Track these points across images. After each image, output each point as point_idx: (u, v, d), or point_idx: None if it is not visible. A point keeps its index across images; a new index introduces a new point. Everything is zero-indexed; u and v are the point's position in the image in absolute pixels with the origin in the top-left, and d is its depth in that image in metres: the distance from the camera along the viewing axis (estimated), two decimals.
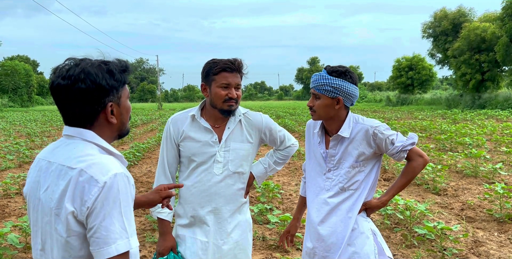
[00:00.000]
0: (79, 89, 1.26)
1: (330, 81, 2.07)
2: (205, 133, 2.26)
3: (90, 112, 1.31)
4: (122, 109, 1.39)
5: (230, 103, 2.18)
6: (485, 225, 4.90)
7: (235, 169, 2.29)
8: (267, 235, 4.59)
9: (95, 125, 1.34)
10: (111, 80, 1.31)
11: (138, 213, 5.45)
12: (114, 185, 1.22)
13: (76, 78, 1.27)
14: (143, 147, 10.78)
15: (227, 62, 2.16)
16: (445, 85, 71.32)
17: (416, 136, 2.21)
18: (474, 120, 19.32)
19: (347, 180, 2.18)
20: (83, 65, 1.30)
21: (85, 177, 1.21)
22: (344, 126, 2.16)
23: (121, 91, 1.37)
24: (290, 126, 16.62)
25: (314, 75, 2.16)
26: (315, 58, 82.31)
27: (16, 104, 49.86)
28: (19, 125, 21.65)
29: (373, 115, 25.53)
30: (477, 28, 30.59)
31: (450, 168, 7.92)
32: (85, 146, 1.31)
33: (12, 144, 11.82)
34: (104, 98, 1.31)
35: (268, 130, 2.39)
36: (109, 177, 1.22)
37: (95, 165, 1.24)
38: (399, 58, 44.15)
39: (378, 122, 2.18)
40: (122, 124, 1.41)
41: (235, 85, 2.18)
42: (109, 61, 1.36)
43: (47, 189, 1.28)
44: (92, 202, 1.20)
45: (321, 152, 2.24)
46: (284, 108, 38.26)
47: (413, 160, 2.19)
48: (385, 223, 4.89)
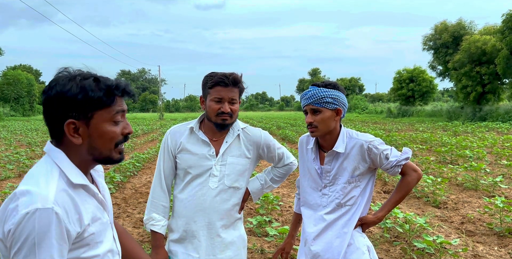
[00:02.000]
0: (47, 97, 1.24)
1: (329, 93, 2.08)
2: (202, 146, 2.26)
3: (53, 124, 1.25)
4: (91, 131, 1.26)
5: (223, 117, 2.18)
6: (485, 239, 4.87)
7: (230, 184, 2.27)
8: (266, 248, 4.56)
9: (64, 141, 1.27)
10: (79, 95, 1.22)
11: (136, 224, 5.43)
12: (30, 221, 1.10)
13: (48, 85, 1.25)
14: (143, 158, 10.76)
15: (222, 76, 2.16)
16: (446, 97, 71.45)
17: (410, 151, 2.21)
18: (475, 132, 19.30)
19: (343, 196, 2.17)
20: (62, 75, 1.26)
21: (14, 204, 1.14)
22: (339, 141, 2.16)
23: (94, 111, 1.25)
24: (291, 137, 16.61)
25: (308, 92, 2.13)
26: (316, 69, 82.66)
27: (17, 113, 50.00)
28: (20, 134, 21.68)
29: (374, 126, 25.55)
30: (477, 41, 30.75)
31: (451, 181, 7.90)
32: (45, 167, 1.24)
33: (12, 154, 11.82)
34: (65, 112, 1.22)
35: (266, 146, 2.38)
36: (29, 210, 1.11)
37: (28, 193, 1.14)
38: (400, 70, 44.31)
39: (372, 137, 2.18)
40: (92, 147, 1.28)
41: (229, 99, 2.17)
42: (97, 77, 1.26)
43: None
44: (8, 233, 1.12)
45: (316, 168, 2.23)
46: (285, 119, 38.29)
47: (408, 175, 2.19)
48: (384, 237, 4.86)
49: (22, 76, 51.68)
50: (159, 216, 2.28)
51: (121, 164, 9.00)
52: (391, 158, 2.14)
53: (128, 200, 6.77)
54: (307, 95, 2.12)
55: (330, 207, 2.20)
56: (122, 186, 7.80)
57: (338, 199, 2.18)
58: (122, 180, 8.00)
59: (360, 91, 71.23)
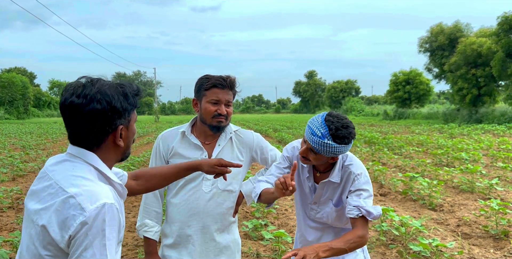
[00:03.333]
0: (94, 110, 1.25)
1: (334, 150, 1.89)
2: (194, 150, 2.24)
3: (100, 133, 1.30)
4: (130, 132, 1.38)
5: (219, 119, 2.17)
6: (481, 241, 4.85)
7: (224, 187, 2.25)
8: (261, 252, 4.53)
9: (102, 147, 1.33)
10: (125, 103, 1.31)
11: (131, 228, 5.39)
12: (100, 215, 1.17)
13: (92, 98, 1.25)
14: (138, 161, 10.71)
15: (219, 78, 2.16)
16: (442, 100, 71.68)
17: (380, 213, 2.02)
18: (471, 134, 19.35)
19: (330, 220, 2.17)
20: (99, 85, 1.28)
21: (72, 203, 1.17)
22: (335, 171, 2.08)
23: (132, 114, 1.37)
24: (287, 140, 16.59)
25: (314, 134, 1.89)
26: (312, 72, 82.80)
27: (12, 116, 49.78)
28: (14, 137, 21.55)
29: (370, 129, 25.57)
30: (473, 43, 30.87)
31: (447, 184, 7.89)
32: (84, 169, 1.28)
33: (6, 157, 11.73)
34: (116, 120, 1.30)
35: (259, 148, 2.37)
36: (96, 206, 1.17)
37: (86, 192, 1.19)
38: (396, 72, 44.40)
39: (363, 169, 2.09)
40: (127, 147, 1.41)
41: (225, 102, 2.18)
42: (124, 83, 1.36)
43: (38, 203, 1.25)
44: (75, 231, 1.16)
45: (309, 185, 2.18)
46: (281, 122, 38.29)
47: (357, 230, 1.97)
48: (380, 240, 4.84)
49: (16, 79, 51.44)
50: (152, 222, 2.25)
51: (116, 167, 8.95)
52: (362, 199, 2.01)
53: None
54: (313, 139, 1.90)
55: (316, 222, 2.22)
56: None
57: (325, 219, 2.17)
58: None
59: (356, 94, 71.34)
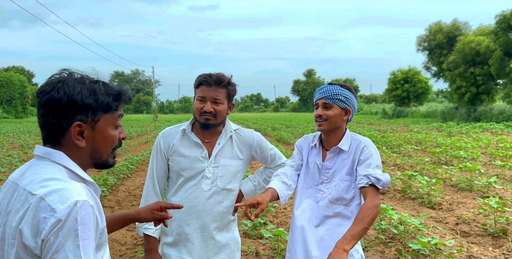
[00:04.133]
0: (52, 98, 1.20)
1: (343, 92, 2.18)
2: (195, 148, 2.25)
3: (56, 125, 1.22)
4: (96, 134, 1.27)
5: (205, 116, 2.17)
6: (479, 239, 4.86)
7: (223, 186, 2.26)
8: (261, 250, 4.53)
9: (63, 144, 1.24)
10: (89, 99, 1.23)
11: (130, 227, 5.38)
12: (72, 214, 1.08)
13: (53, 86, 1.22)
14: (137, 160, 10.70)
15: (205, 75, 2.18)
16: (441, 98, 71.77)
17: (389, 180, 2.08)
18: (469, 133, 19.38)
19: (336, 193, 2.19)
20: (68, 77, 1.25)
21: (43, 206, 1.09)
22: (344, 139, 2.21)
23: (100, 115, 1.26)
24: (286, 139, 16.60)
25: (324, 87, 2.22)
26: (311, 70, 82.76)
27: (10, 115, 49.67)
28: (12, 136, 21.52)
29: (369, 127, 25.60)
30: (471, 42, 30.92)
31: (445, 182, 7.90)
32: (52, 169, 1.20)
33: (4, 156, 11.73)
34: (73, 114, 1.22)
35: (259, 147, 2.38)
36: (67, 205, 1.09)
37: (55, 192, 1.11)
38: (394, 71, 44.44)
39: (370, 142, 2.24)
40: (95, 151, 1.29)
41: (211, 99, 2.16)
42: (104, 82, 1.29)
43: (9, 216, 1.17)
44: (47, 234, 1.07)
45: (318, 163, 2.25)
46: (280, 120, 38.29)
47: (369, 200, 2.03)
48: (379, 238, 4.84)
49: (14, 78, 51.32)
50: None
51: (115, 167, 8.95)
52: (371, 168, 2.12)
53: (121, 203, 6.71)
54: (322, 90, 2.21)
55: (324, 203, 2.21)
56: (115, 189, 7.74)
57: (331, 195, 2.19)
58: (115, 182, 7.95)
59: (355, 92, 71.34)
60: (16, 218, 1.14)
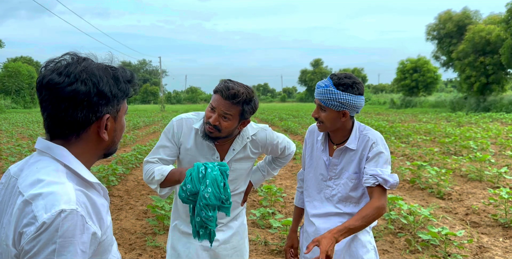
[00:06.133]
0: (77, 91, 1.05)
1: (337, 96, 1.97)
2: (206, 149, 2.16)
3: (81, 120, 1.09)
4: (117, 125, 1.19)
5: (208, 127, 2.03)
6: (490, 230, 4.83)
7: (233, 189, 2.24)
8: (269, 240, 4.53)
9: (83, 137, 1.13)
10: (115, 88, 1.12)
11: (139, 216, 5.41)
12: (53, 224, 0.96)
13: (76, 77, 1.06)
14: (145, 150, 10.73)
15: (224, 86, 1.98)
16: (450, 88, 71.11)
17: (397, 181, 2.02)
18: (478, 123, 19.20)
19: (345, 192, 2.14)
20: (86, 64, 1.10)
21: (27, 211, 0.99)
22: (351, 137, 2.10)
23: (122, 104, 1.17)
24: (293, 129, 16.57)
25: (319, 86, 2.03)
26: (318, 60, 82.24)
27: (18, 106, 50.03)
28: (21, 126, 21.67)
29: (377, 117, 25.46)
30: (482, 31, 30.47)
31: (455, 172, 7.85)
32: (49, 167, 1.07)
33: (14, 146, 11.82)
34: (102, 107, 1.10)
35: (270, 145, 2.33)
36: (51, 214, 0.96)
37: (43, 196, 0.99)
38: (403, 60, 44.03)
39: (381, 137, 2.11)
40: (113, 143, 1.20)
41: (221, 112, 1.99)
42: (115, 67, 1.16)
43: (5, 216, 1.07)
44: (26, 244, 0.97)
45: (324, 159, 2.18)
46: (287, 111, 38.19)
47: (374, 200, 1.98)
48: (388, 228, 4.82)
49: (23, 68, 51.59)
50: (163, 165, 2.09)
51: (123, 156, 8.99)
52: (379, 167, 2.03)
53: (130, 192, 6.75)
54: (319, 90, 2.03)
55: (334, 200, 2.17)
56: (124, 178, 7.78)
57: (341, 194, 2.15)
58: (124, 172, 7.98)
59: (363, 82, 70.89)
60: (7, 221, 1.05)
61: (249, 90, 2.02)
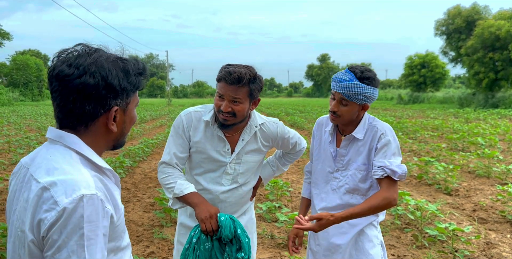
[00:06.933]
0: (85, 84, 1.06)
1: (364, 90, 1.95)
2: (217, 141, 2.15)
3: (90, 112, 1.10)
4: (126, 117, 1.19)
5: (222, 116, 2.02)
6: (497, 226, 4.81)
7: (243, 182, 2.23)
8: (276, 234, 4.54)
9: (91, 129, 1.13)
10: (124, 81, 1.12)
11: (146, 209, 5.44)
12: (77, 209, 0.97)
13: (85, 69, 1.07)
14: (152, 143, 10.79)
15: (226, 72, 1.97)
16: (458, 84, 70.56)
17: (406, 172, 2.00)
18: (487, 119, 19.05)
19: (353, 183, 2.12)
20: (97, 56, 1.10)
21: (45, 197, 0.99)
22: (359, 127, 2.09)
23: (131, 97, 1.18)
24: (300, 124, 16.55)
25: (342, 80, 1.97)
26: (325, 55, 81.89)
27: (27, 98, 50.35)
28: (29, 119, 21.83)
29: (384, 113, 25.35)
30: (491, 26, 30.12)
31: (462, 168, 7.80)
32: (62, 155, 1.08)
33: (22, 138, 11.92)
34: (111, 100, 1.11)
35: (281, 140, 2.31)
36: (72, 199, 0.97)
37: (61, 182, 1.00)
38: (411, 56, 43.72)
39: (390, 129, 2.09)
40: (122, 134, 1.21)
41: (230, 98, 1.99)
42: (127, 58, 1.17)
43: (19, 204, 1.08)
44: (47, 230, 0.97)
45: (331, 150, 2.17)
46: (293, 105, 38.11)
47: (384, 191, 1.97)
48: (395, 223, 4.82)
49: (31, 61, 51.83)
50: (186, 181, 2.12)
51: (130, 149, 9.03)
52: (387, 158, 2.01)
53: (138, 185, 6.79)
54: (341, 84, 1.96)
55: (340, 191, 2.16)
56: (131, 171, 7.82)
57: (348, 185, 2.13)
58: (131, 165, 8.03)
59: None
60: (22, 209, 1.05)
61: (250, 69, 2.02)
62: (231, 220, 1.88)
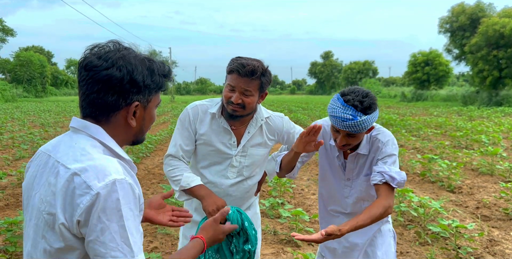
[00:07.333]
0: (112, 75, 1.13)
1: (368, 124, 1.89)
2: (223, 134, 2.16)
3: (112, 104, 1.16)
4: (146, 114, 1.25)
5: (232, 107, 2.04)
6: (500, 224, 4.80)
7: (249, 175, 2.24)
8: (279, 230, 4.55)
9: (112, 121, 1.19)
10: (148, 79, 1.19)
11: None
12: (112, 193, 1.04)
13: (113, 62, 1.14)
14: (156, 139, 10.82)
15: (239, 64, 1.99)
16: (461, 82, 70.29)
17: (405, 179, 2.00)
18: (490, 117, 19.00)
19: (364, 191, 2.14)
20: (126, 52, 1.18)
21: (78, 182, 1.04)
22: (363, 143, 2.08)
23: (153, 95, 1.24)
24: (303, 121, 16.55)
25: (346, 119, 1.86)
26: (328, 52, 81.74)
27: (30, 95, 50.53)
28: (33, 115, 21.90)
29: (388, 110, 25.31)
30: (495, 24, 29.99)
31: (466, 166, 7.79)
32: (88, 143, 1.14)
33: (26, 134, 11.97)
34: (133, 94, 1.17)
35: (287, 134, 2.32)
36: (105, 183, 1.04)
37: (91, 168, 1.06)
38: (415, 53, 43.60)
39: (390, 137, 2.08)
40: (141, 131, 1.27)
41: (242, 90, 2.01)
42: (154, 59, 1.24)
43: (41, 188, 1.13)
44: (83, 213, 1.03)
45: (339, 164, 2.17)
46: (296, 103, 38.10)
47: (382, 199, 1.94)
48: (398, 220, 4.82)
49: (34, 58, 52.00)
50: (192, 174, 2.14)
51: (134, 146, 9.05)
52: (386, 165, 2.00)
53: (141, 181, 6.80)
54: (346, 124, 1.87)
55: (352, 199, 2.17)
56: None
57: (358, 193, 2.15)
58: (135, 161, 8.06)
59: (373, 75, 70.42)
60: (50, 193, 1.09)
61: (261, 62, 2.06)
62: (238, 212, 1.89)
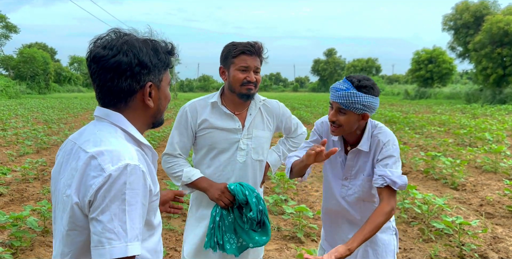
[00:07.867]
0: (120, 62, 1.16)
1: (361, 99, 1.89)
2: (227, 120, 2.21)
3: (126, 89, 1.20)
4: (161, 93, 1.28)
5: (248, 86, 2.13)
6: (504, 221, 4.80)
7: (256, 157, 2.26)
8: (282, 226, 4.57)
9: (130, 105, 1.23)
10: (155, 59, 1.22)
11: None
12: (121, 177, 1.07)
13: (119, 49, 1.17)
14: (159, 136, 10.85)
15: (247, 44, 2.13)
16: (465, 79, 70.06)
17: (406, 183, 1.98)
18: (494, 115, 18.94)
19: (362, 191, 2.11)
20: (128, 37, 1.21)
21: (93, 164, 1.09)
22: (364, 139, 2.05)
23: (163, 74, 1.27)
24: (306, 118, 16.56)
25: (338, 89, 1.92)
26: (332, 50, 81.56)
27: (33, 91, 50.63)
28: (36, 111, 21.96)
29: (391, 108, 25.27)
30: (500, 21, 29.85)
31: (469, 163, 7.78)
32: (109, 130, 1.19)
33: (30, 130, 12.01)
34: (144, 76, 1.21)
35: (284, 118, 2.39)
36: (118, 167, 1.08)
37: (108, 152, 1.10)
38: (418, 51, 43.48)
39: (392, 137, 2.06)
40: (159, 111, 1.30)
41: (254, 68, 2.13)
42: (155, 39, 1.27)
43: (65, 173, 1.18)
44: (93, 194, 1.07)
45: (340, 160, 2.15)
46: (299, 100, 38.07)
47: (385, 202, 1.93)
48: (402, 217, 4.82)
49: (37, 54, 52.09)
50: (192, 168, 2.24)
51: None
52: (388, 168, 1.99)
53: None
54: (338, 94, 1.91)
55: (350, 199, 2.15)
56: None
57: (357, 194, 2.13)
58: None
59: (377, 72, 70.25)
60: (70, 176, 1.14)
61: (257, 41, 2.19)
62: (240, 185, 2.05)
